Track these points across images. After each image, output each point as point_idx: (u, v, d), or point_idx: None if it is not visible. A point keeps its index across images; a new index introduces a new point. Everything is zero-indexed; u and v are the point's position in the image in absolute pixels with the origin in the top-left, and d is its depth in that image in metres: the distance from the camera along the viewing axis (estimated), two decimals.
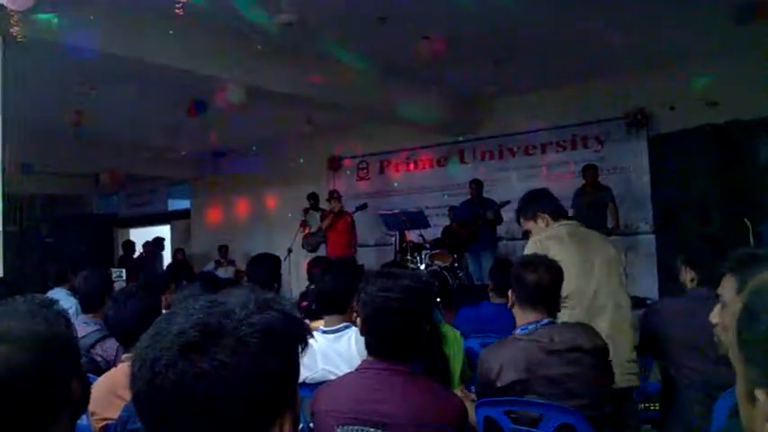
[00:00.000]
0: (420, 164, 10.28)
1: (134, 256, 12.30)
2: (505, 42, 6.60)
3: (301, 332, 0.88)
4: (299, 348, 0.87)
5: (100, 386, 2.10)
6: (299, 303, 4.62)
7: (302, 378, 2.20)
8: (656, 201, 7.87)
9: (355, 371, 1.94)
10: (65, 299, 4.56)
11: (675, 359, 2.61)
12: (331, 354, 2.44)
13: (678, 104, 7.51)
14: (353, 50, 6.69)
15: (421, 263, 7.95)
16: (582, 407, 2.12)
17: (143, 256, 12.28)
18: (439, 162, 10.08)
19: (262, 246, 7.44)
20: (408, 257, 8.03)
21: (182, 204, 13.74)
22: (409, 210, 8.56)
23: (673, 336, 2.61)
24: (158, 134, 9.68)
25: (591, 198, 7.67)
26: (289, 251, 8.69)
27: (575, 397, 2.15)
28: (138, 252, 12.44)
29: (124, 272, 8.52)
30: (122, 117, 8.69)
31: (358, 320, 2.00)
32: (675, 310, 2.69)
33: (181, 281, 4.62)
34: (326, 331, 2.51)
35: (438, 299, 5.65)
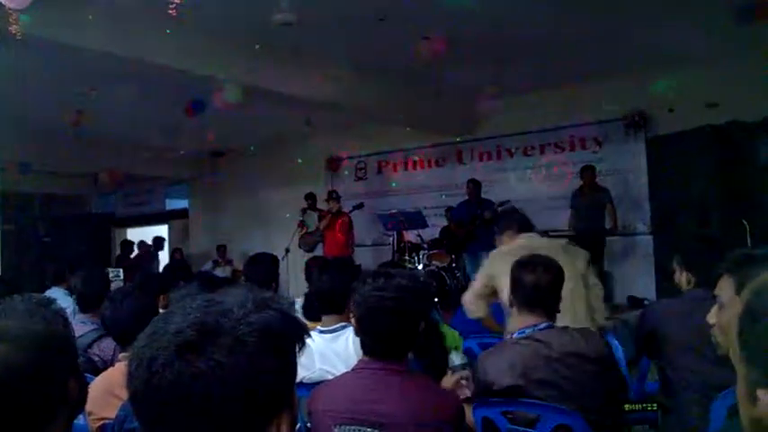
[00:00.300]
0: (418, 164, 10.28)
1: (131, 256, 12.29)
2: (505, 43, 6.59)
3: (299, 332, 0.88)
4: (297, 348, 0.87)
5: (97, 386, 2.09)
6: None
7: (299, 378, 2.19)
8: (654, 202, 7.87)
9: (351, 371, 1.95)
10: (62, 298, 4.53)
11: (673, 360, 2.61)
12: (328, 353, 2.44)
13: (677, 106, 7.50)
14: (353, 50, 6.69)
15: (419, 263, 7.95)
16: (581, 410, 2.06)
17: (140, 256, 12.26)
18: (437, 162, 10.08)
19: (260, 246, 7.41)
20: (406, 258, 8.04)
21: (180, 204, 13.72)
22: (407, 210, 8.56)
23: (670, 336, 2.62)
24: (157, 134, 9.66)
25: (589, 199, 7.68)
26: (287, 251, 8.69)
27: (572, 400, 2.10)
28: (135, 252, 12.43)
29: (121, 271, 8.49)
30: (121, 117, 8.67)
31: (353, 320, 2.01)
32: (673, 311, 2.70)
33: (178, 281, 4.60)
34: (324, 331, 2.51)
35: (436, 299, 5.65)
